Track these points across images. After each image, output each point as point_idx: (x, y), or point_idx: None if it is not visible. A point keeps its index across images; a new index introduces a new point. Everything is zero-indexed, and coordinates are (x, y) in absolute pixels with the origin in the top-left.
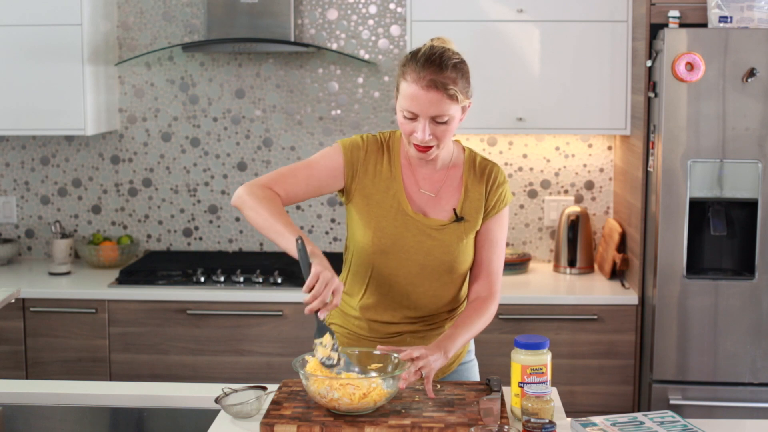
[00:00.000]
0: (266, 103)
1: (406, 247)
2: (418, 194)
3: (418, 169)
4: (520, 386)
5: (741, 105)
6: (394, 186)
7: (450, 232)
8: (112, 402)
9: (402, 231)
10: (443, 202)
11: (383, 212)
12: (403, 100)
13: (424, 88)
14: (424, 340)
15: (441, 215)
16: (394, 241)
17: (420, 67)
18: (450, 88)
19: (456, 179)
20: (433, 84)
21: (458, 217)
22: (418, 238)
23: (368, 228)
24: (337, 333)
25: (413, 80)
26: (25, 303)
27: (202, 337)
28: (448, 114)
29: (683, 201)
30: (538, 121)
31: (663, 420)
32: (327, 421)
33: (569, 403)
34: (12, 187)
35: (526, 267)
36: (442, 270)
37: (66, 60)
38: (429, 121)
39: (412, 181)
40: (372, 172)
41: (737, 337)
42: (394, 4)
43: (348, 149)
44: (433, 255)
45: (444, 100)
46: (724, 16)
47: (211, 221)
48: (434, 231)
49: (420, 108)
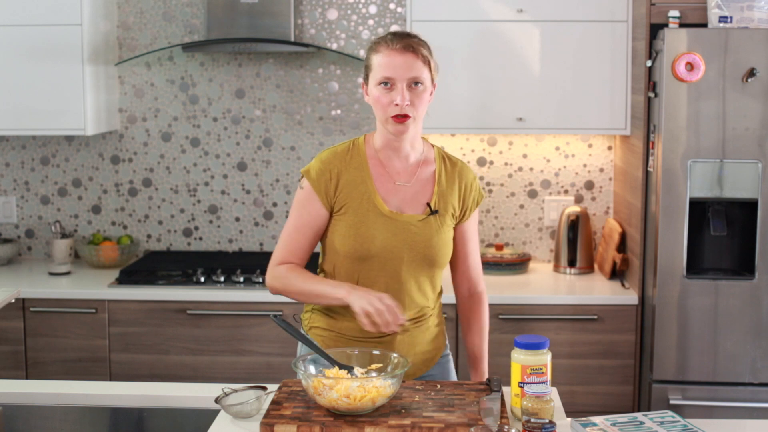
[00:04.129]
0: (266, 103)
1: (389, 247)
2: (394, 190)
3: (391, 165)
4: (520, 386)
5: (741, 105)
6: (367, 190)
7: (428, 225)
8: (112, 402)
9: (381, 232)
10: (419, 196)
11: (360, 218)
12: (377, 71)
13: (398, 51)
14: (412, 337)
15: (417, 210)
16: (375, 244)
17: (390, 39)
18: (422, 51)
19: (428, 174)
20: (408, 47)
21: (432, 210)
22: (399, 236)
23: (347, 237)
24: (324, 336)
25: (386, 49)
26: (25, 303)
27: (202, 337)
28: (422, 77)
29: (683, 201)
30: (538, 121)
31: (663, 420)
32: (327, 421)
33: (569, 403)
34: (12, 187)
35: (526, 267)
36: (424, 264)
37: (66, 60)
38: (406, 87)
39: (385, 179)
40: (343, 183)
41: (737, 337)
42: (394, 4)
43: (316, 181)
44: (416, 250)
45: (418, 62)
46: (724, 16)
47: (211, 221)
48: (413, 227)
49: (396, 71)
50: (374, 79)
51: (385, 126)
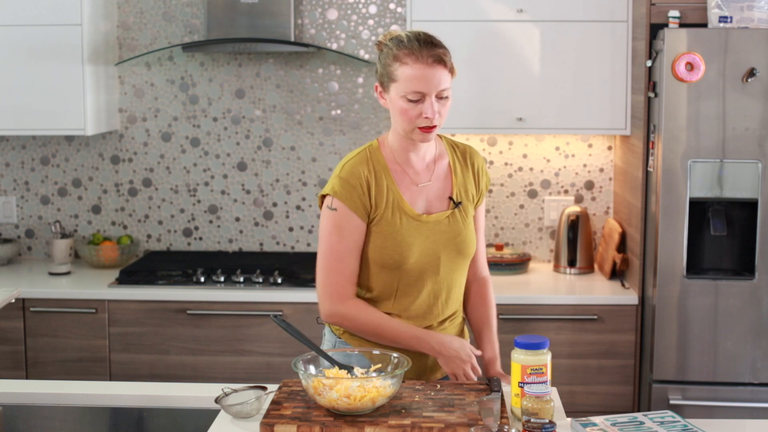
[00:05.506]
0: (266, 103)
1: (426, 251)
2: (418, 191)
3: (410, 166)
4: (520, 386)
5: (741, 105)
6: (393, 196)
7: (455, 220)
8: (112, 402)
9: (416, 237)
10: (441, 193)
11: (393, 227)
12: (406, 84)
13: (429, 65)
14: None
15: (442, 207)
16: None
17: (418, 49)
18: (449, 60)
19: (444, 167)
20: (438, 60)
21: (456, 203)
22: (432, 238)
23: (384, 248)
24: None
25: (415, 61)
26: (25, 303)
27: (202, 337)
28: (449, 87)
29: (683, 201)
30: (538, 121)
31: (663, 420)
32: (327, 421)
33: (569, 403)
34: (12, 187)
35: (526, 267)
36: (459, 259)
37: (66, 60)
38: (435, 98)
39: (407, 182)
40: (374, 192)
41: (737, 337)
42: (394, 4)
43: (349, 198)
44: (450, 248)
45: (446, 74)
46: (724, 16)
47: (211, 221)
48: (442, 225)
49: (428, 86)
50: (401, 91)
51: (409, 135)
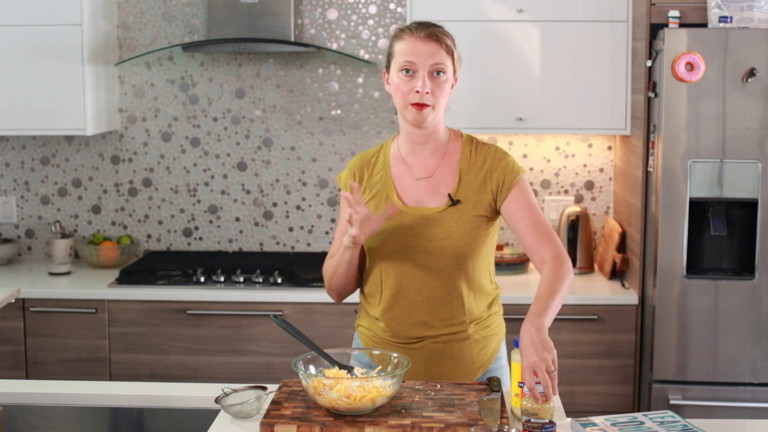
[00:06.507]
0: (266, 103)
1: (405, 242)
2: (414, 185)
3: (413, 160)
4: (520, 386)
5: (741, 105)
6: (385, 188)
7: (448, 216)
8: (112, 402)
9: (398, 228)
10: (441, 188)
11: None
12: (399, 57)
13: (422, 39)
14: (446, 345)
15: (440, 202)
16: (393, 239)
17: (415, 27)
18: (446, 41)
19: (451, 165)
20: (432, 35)
21: (453, 200)
22: (416, 230)
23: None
24: (363, 335)
25: (410, 36)
26: (25, 303)
27: (202, 337)
28: (445, 66)
29: (683, 201)
30: (538, 121)
31: (663, 420)
32: (327, 421)
33: (569, 403)
34: (12, 187)
35: (526, 267)
36: (447, 258)
37: (66, 60)
38: (427, 75)
39: (405, 175)
40: (367, 184)
41: (737, 337)
42: (394, 4)
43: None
44: (435, 242)
45: (441, 51)
46: (724, 16)
47: (211, 221)
48: (432, 219)
49: (419, 57)
50: (396, 66)
51: (404, 114)
